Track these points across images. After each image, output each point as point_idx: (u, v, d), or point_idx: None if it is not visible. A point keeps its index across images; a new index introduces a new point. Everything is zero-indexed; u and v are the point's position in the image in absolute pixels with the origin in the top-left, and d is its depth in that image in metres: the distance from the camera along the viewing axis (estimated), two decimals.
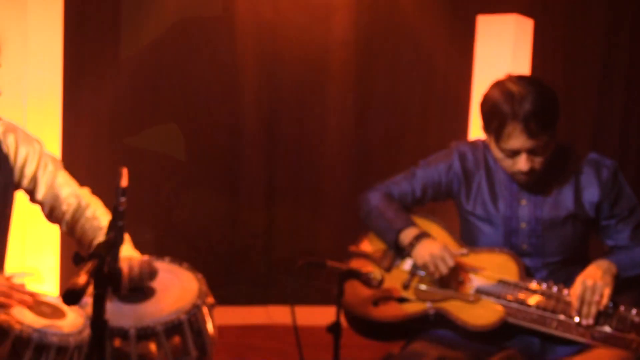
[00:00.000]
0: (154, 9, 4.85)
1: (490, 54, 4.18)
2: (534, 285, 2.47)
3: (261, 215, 5.13)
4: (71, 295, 1.70)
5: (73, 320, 2.06)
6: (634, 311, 2.37)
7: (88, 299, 1.83)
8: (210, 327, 2.26)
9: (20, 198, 2.47)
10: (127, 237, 2.34)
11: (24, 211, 2.54)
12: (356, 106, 5.30)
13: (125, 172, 1.89)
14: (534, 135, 2.37)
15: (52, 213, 2.45)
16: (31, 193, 2.44)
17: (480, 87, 2.60)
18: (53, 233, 3.76)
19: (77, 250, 1.90)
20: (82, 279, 1.73)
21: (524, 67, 4.19)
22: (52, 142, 3.85)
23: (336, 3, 5.13)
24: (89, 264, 1.78)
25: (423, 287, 2.58)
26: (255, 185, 5.14)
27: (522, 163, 2.43)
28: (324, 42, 5.17)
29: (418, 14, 5.09)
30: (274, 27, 5.12)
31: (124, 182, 1.89)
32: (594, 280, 2.40)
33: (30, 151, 2.41)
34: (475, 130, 4.12)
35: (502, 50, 4.14)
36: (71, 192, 2.45)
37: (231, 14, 4.99)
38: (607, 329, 2.37)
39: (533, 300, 2.45)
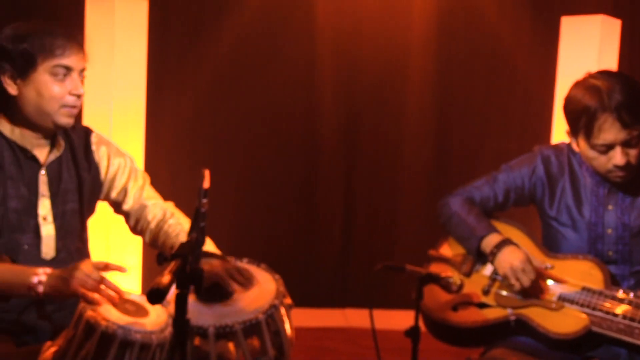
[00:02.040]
0: (235, 11, 4.92)
1: (575, 55, 4.10)
2: (620, 293, 2.40)
3: (340, 218, 5.14)
4: (155, 294, 1.74)
5: (156, 319, 2.10)
6: None
7: (170, 298, 1.86)
8: (288, 328, 2.27)
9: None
10: (207, 239, 2.38)
11: (108, 212, 2.61)
12: (436, 110, 5.25)
13: (207, 173, 1.92)
14: (628, 125, 2.31)
15: (138, 223, 2.52)
16: (119, 204, 2.51)
17: (564, 90, 2.53)
18: (132, 242, 3.86)
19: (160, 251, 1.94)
20: (166, 278, 1.77)
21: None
22: (136, 144, 3.95)
23: (416, 6, 5.11)
24: (172, 263, 1.83)
25: (504, 292, 2.54)
26: (334, 188, 5.16)
27: (617, 157, 2.36)
28: (403, 45, 5.15)
29: (499, 15, 5.02)
30: (354, 30, 5.13)
31: (206, 183, 1.91)
32: None
33: (121, 163, 2.49)
34: (559, 133, 4.04)
35: (588, 51, 4.06)
36: (157, 203, 2.52)
37: (312, 15, 5.02)
38: None
39: (620, 309, 2.37)
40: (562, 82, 4.16)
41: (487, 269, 2.59)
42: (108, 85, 3.77)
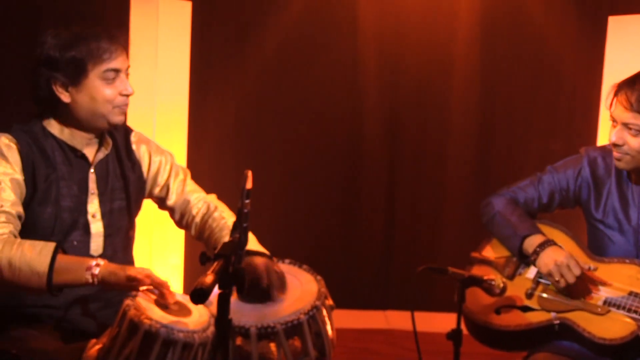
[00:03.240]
0: (278, 13, 4.94)
1: (622, 55, 4.05)
2: None
3: (382, 220, 5.12)
4: (198, 294, 1.76)
5: (198, 318, 2.12)
6: None
7: (212, 298, 1.88)
8: (329, 329, 2.27)
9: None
10: (252, 237, 2.39)
11: (151, 212, 2.65)
12: (479, 111, 5.20)
13: (250, 174, 1.93)
14: None
15: (183, 218, 2.56)
16: (163, 200, 2.55)
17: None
18: (178, 233, 3.89)
19: (203, 250, 1.96)
20: (209, 278, 1.79)
21: None
22: (179, 146, 3.99)
23: (460, 6, 5.07)
24: (215, 264, 1.84)
25: (547, 296, 2.51)
26: (376, 190, 5.14)
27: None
28: (446, 44, 5.12)
29: (544, 14, 4.96)
30: (397, 31, 5.11)
31: (249, 184, 1.92)
32: None
33: (162, 160, 2.53)
34: (605, 135, 3.97)
35: (635, 51, 4.01)
36: (200, 197, 2.55)
37: (355, 17, 5.02)
38: None
39: None
40: (608, 82, 4.08)
41: (531, 272, 2.57)
42: (152, 88, 3.81)
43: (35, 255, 2.12)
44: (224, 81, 4.89)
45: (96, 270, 2.11)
